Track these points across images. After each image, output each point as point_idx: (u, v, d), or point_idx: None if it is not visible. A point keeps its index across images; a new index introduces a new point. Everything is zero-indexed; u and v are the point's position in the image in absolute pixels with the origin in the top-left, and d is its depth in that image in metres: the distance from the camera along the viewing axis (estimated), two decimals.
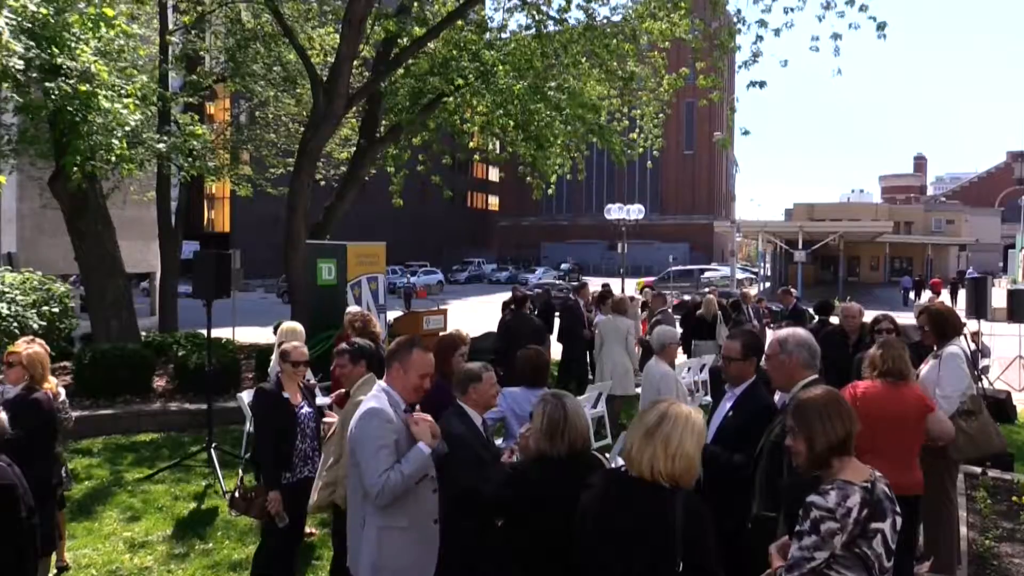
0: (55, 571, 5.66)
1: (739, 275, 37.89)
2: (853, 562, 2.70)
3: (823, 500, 2.70)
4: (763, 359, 4.29)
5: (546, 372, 5.25)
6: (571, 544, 3.09)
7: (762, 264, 52.11)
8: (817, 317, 10.03)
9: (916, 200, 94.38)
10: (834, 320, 10.46)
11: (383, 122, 15.75)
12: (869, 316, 7.77)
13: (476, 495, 3.62)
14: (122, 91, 10.05)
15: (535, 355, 5.27)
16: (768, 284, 46.33)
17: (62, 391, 5.77)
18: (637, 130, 16.14)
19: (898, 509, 2.79)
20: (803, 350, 3.77)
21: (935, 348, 5.67)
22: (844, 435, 2.82)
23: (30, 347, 5.07)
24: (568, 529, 3.05)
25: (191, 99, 16.03)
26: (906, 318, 8.88)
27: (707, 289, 16.67)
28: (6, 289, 11.05)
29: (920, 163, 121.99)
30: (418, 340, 3.88)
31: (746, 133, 15.07)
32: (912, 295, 39.91)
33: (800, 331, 3.93)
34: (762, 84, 12.68)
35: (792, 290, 14.22)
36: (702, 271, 43.11)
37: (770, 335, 11.50)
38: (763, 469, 3.59)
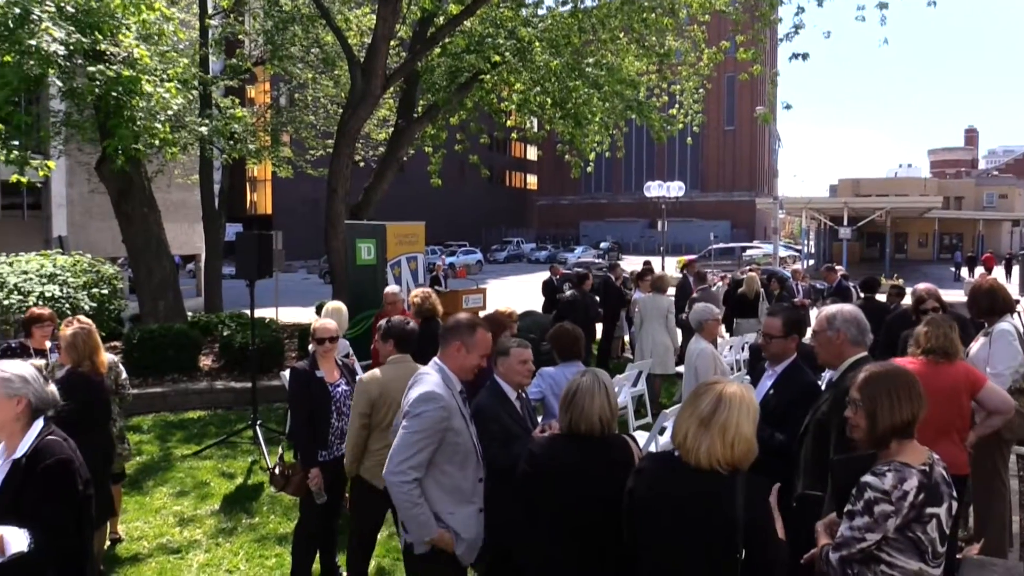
0: (109, 543, 5.82)
1: (782, 253, 37.31)
2: (906, 546, 2.64)
3: (879, 481, 2.62)
4: (810, 336, 4.20)
5: (576, 346, 5.21)
6: (573, 518, 3.14)
7: (805, 241, 51.21)
8: (863, 294, 9.83)
9: (967, 174, 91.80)
10: (880, 297, 10.27)
11: (420, 102, 15.76)
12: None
13: (493, 466, 3.69)
14: (164, 75, 10.18)
15: (563, 331, 5.28)
16: (812, 262, 45.57)
17: (122, 368, 5.92)
18: (677, 106, 15.92)
19: (955, 494, 2.70)
20: (851, 327, 3.67)
21: (986, 325, 5.51)
22: (910, 418, 2.71)
23: (69, 328, 5.19)
24: (566, 503, 3.13)
25: (231, 82, 16.18)
26: (956, 295, 8.66)
27: (749, 267, 16.43)
28: (58, 272, 11.31)
29: (971, 136, 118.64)
30: (480, 320, 3.88)
31: (788, 107, 14.70)
32: (964, 271, 38.94)
33: (848, 307, 3.83)
34: (805, 56, 12.39)
35: (837, 267, 13.94)
36: (744, 249, 42.61)
37: (814, 312, 11.33)
38: (808, 447, 3.52)
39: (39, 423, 2.84)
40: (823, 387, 3.98)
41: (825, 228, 45.53)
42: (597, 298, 12.34)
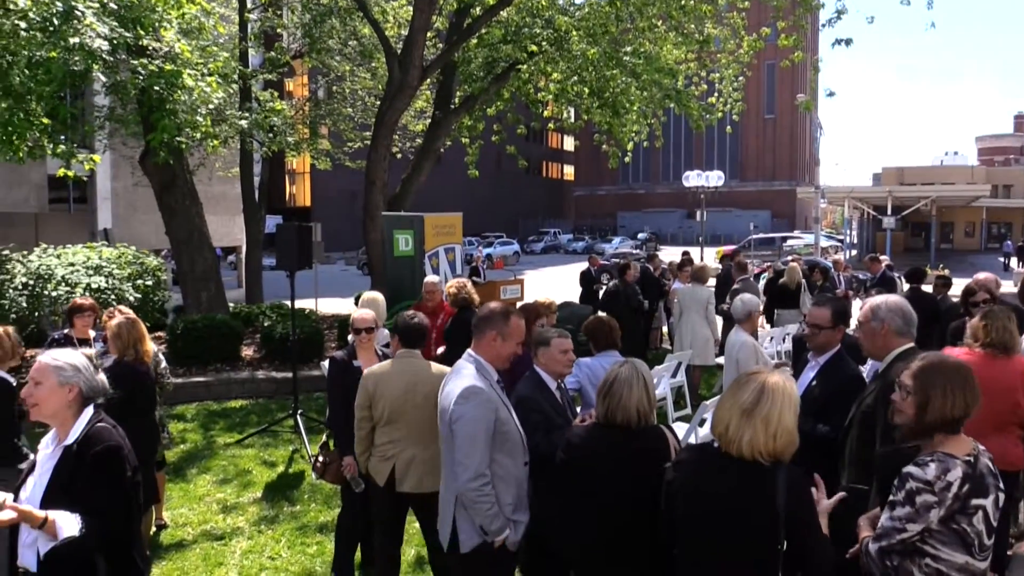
0: (154, 529, 5.94)
1: (823, 243, 36.67)
2: (951, 538, 2.58)
3: (921, 472, 2.57)
4: (855, 327, 4.12)
5: (612, 336, 5.17)
6: (609, 507, 3.14)
7: (848, 231, 50.29)
8: (909, 285, 9.62)
9: (1016, 161, 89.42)
10: (926, 288, 10.05)
11: (457, 93, 15.77)
12: (963, 285, 7.39)
13: (536, 454, 3.70)
14: (205, 69, 10.32)
15: (599, 321, 5.27)
16: (854, 252, 44.75)
17: (162, 357, 6.03)
18: (716, 94, 15.73)
19: (1001, 486, 2.63)
20: (896, 317, 3.59)
21: None
22: (961, 414, 2.64)
23: (113, 319, 5.29)
24: (602, 492, 3.13)
25: (270, 76, 16.35)
26: (1006, 286, 8.44)
27: (790, 257, 16.18)
28: (104, 263, 11.56)
29: (1021, 122, 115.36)
30: (511, 308, 3.87)
31: (831, 95, 14.43)
32: (1013, 261, 37.93)
33: (893, 297, 3.75)
34: (848, 42, 12.16)
35: (881, 257, 13.67)
36: (784, 239, 41.92)
37: (857, 303, 11.13)
38: (853, 440, 3.46)
39: (89, 410, 2.90)
40: (866, 378, 3.91)
41: (868, 217, 44.63)
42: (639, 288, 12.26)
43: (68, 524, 2.66)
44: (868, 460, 3.28)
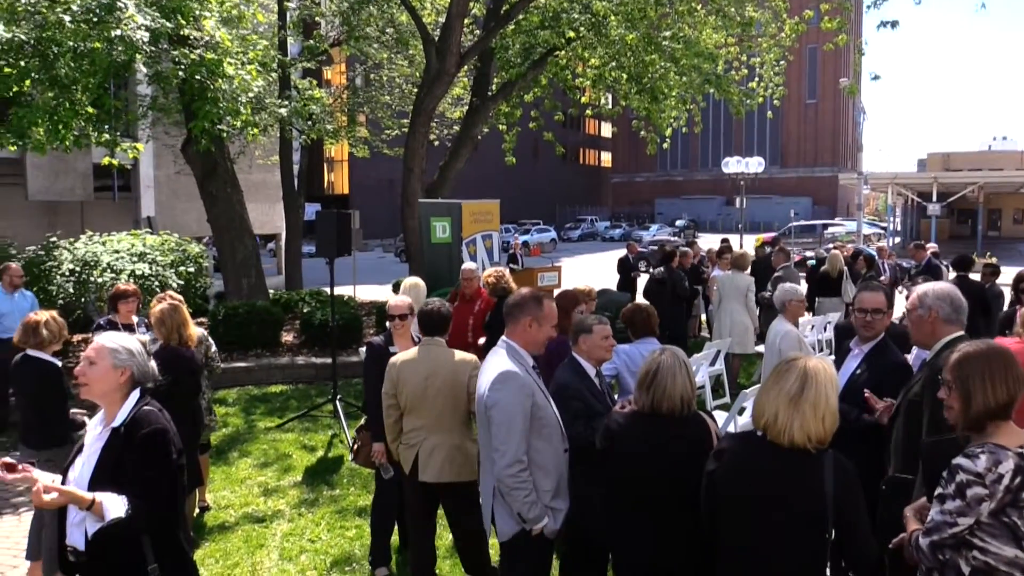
0: (197, 510, 6.05)
1: (866, 230, 35.97)
2: (1001, 531, 2.51)
3: (971, 464, 2.50)
4: (904, 315, 4.04)
5: (650, 323, 5.13)
6: (656, 500, 3.13)
7: (891, 218, 49.29)
8: (956, 273, 9.41)
9: None
10: (974, 276, 9.81)
11: (495, 79, 15.73)
12: (1012, 273, 7.20)
13: (578, 442, 3.69)
14: (245, 58, 10.42)
15: (637, 308, 5.25)
16: (897, 239, 43.86)
17: (212, 342, 6.13)
18: (756, 79, 15.48)
19: None
20: (944, 304, 3.49)
21: None
22: (1006, 400, 2.57)
23: (159, 305, 5.39)
24: (644, 481, 3.13)
25: (309, 64, 16.46)
26: None
27: (833, 244, 15.91)
28: (147, 251, 11.76)
29: None
30: (543, 292, 3.86)
31: (876, 78, 14.09)
32: None
33: (941, 284, 3.65)
34: (894, 24, 11.88)
35: (926, 244, 13.37)
36: (825, 226, 41.17)
37: (901, 292, 10.91)
38: (899, 429, 3.38)
39: (136, 394, 2.95)
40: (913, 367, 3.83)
41: (912, 204, 43.72)
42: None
43: (114, 506, 2.71)
44: (914, 450, 3.20)
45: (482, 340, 7.30)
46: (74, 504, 2.71)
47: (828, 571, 2.71)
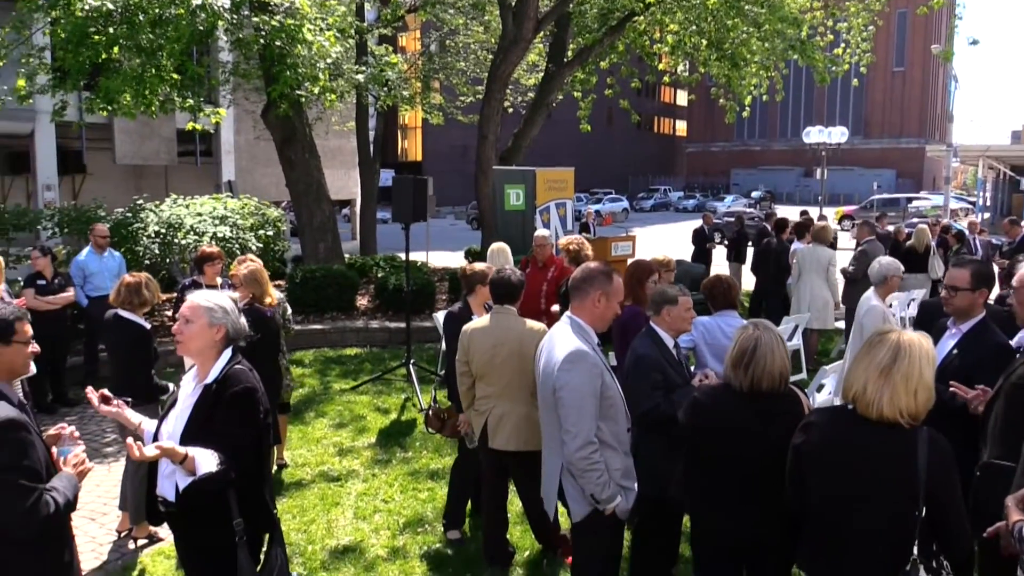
0: (276, 467, 6.23)
1: (953, 204, 34.46)
2: None
3: None
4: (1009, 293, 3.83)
5: (731, 295, 4.97)
6: (746, 476, 3.08)
7: (980, 193, 47.01)
8: None
9: None
10: None
11: (571, 45, 15.51)
12: None
13: (657, 414, 3.64)
14: (323, 24, 10.50)
15: (717, 280, 5.08)
16: (987, 215, 41.86)
17: (287, 305, 6.27)
18: (842, 45, 14.88)
19: None
20: None
21: None
22: None
23: (243, 266, 5.49)
24: (735, 457, 3.06)
25: (385, 30, 16.50)
26: None
27: (916, 219, 15.28)
28: (228, 214, 12.06)
29: None
30: (611, 266, 3.77)
31: (975, 43, 13.44)
32: None
33: None
34: None
35: (1021, 221, 12.70)
36: (910, 200, 39.56)
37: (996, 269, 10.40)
38: (998, 414, 3.22)
39: (228, 352, 3.02)
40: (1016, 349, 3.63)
41: (1004, 178, 41.56)
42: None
43: (206, 461, 2.79)
44: (1015, 436, 3.05)
45: (555, 308, 7.26)
46: (169, 458, 2.80)
47: (915, 550, 2.61)
